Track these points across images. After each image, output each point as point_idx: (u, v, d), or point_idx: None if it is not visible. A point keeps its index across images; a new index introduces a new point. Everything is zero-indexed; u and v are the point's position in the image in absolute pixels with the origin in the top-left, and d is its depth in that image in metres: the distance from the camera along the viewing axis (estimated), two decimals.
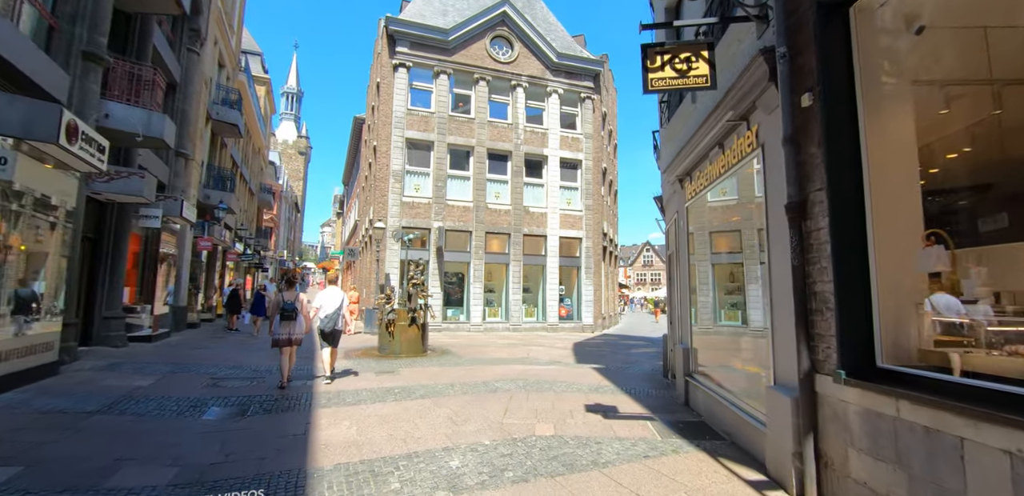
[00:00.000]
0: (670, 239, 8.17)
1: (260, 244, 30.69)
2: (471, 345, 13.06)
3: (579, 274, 19.35)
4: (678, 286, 6.74)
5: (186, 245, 13.88)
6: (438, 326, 16.87)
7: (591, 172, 19.90)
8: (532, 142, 19.06)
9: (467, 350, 11.89)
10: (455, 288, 18.19)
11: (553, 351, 12.27)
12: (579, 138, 19.92)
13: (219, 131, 17.45)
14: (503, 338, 15.44)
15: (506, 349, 12.36)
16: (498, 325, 17.81)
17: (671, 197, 7.37)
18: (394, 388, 7.04)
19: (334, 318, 7.36)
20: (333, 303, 7.36)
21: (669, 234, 8.40)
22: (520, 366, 9.47)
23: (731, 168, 4.68)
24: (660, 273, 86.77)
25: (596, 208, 19.87)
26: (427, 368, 8.96)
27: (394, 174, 17.02)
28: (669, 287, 8.77)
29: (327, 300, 7.35)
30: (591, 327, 18.98)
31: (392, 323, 10.71)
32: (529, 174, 19.11)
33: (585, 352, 12.34)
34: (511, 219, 18.34)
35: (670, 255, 8.32)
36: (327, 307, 7.32)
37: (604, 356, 11.64)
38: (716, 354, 5.78)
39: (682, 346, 6.41)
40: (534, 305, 19.07)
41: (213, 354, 9.98)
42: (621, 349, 13.51)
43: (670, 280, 8.65)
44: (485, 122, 18.42)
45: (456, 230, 17.65)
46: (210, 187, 16.58)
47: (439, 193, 17.48)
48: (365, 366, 9.08)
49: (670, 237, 8.08)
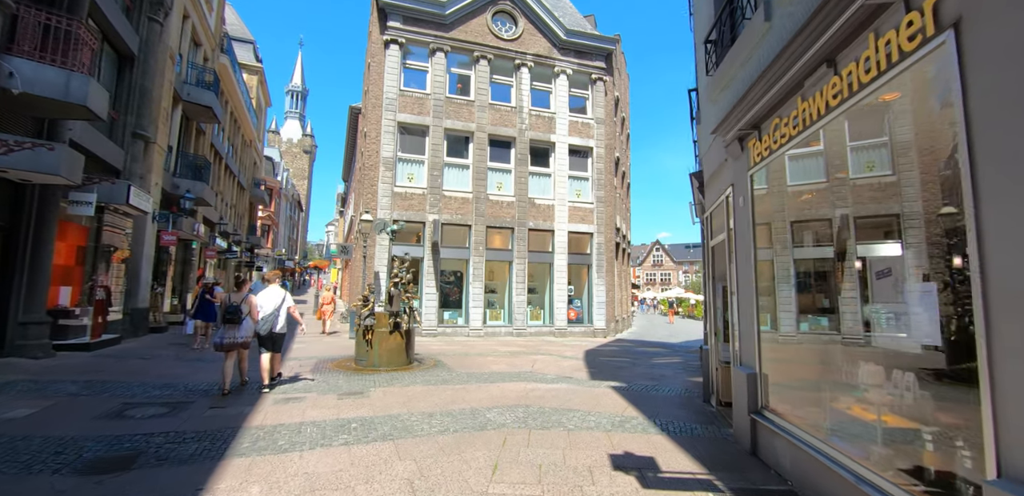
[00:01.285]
0: (714, 224, 6.38)
1: (252, 242, 29.18)
2: (467, 354, 11.33)
3: (590, 273, 17.56)
4: (737, 286, 4.94)
5: (146, 239, 12.27)
6: (433, 330, 15.16)
7: (603, 161, 18.10)
8: (538, 127, 17.30)
9: (462, 360, 10.15)
10: (453, 288, 16.48)
11: (562, 362, 10.51)
12: (590, 123, 18.12)
13: (193, 115, 15.85)
14: (505, 344, 13.70)
15: (507, 359, 10.61)
16: (500, 329, 16.07)
17: (721, 168, 5.58)
18: (351, 421, 5.32)
19: (271, 320, 6.94)
20: (271, 304, 6.97)
21: (710, 220, 6.60)
22: (522, 384, 7.71)
23: (855, 94, 2.90)
24: (670, 273, 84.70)
25: (608, 200, 18.07)
26: (406, 387, 7.23)
27: (385, 162, 15.33)
28: (707, 288, 6.96)
29: (265, 300, 6.96)
30: (603, 331, 17.19)
31: (370, 330, 9.01)
32: (535, 162, 17.35)
33: (599, 363, 10.56)
34: (515, 212, 16.58)
35: (713, 246, 6.51)
36: (265, 308, 6.91)
37: (622, 369, 9.85)
38: (809, 385, 3.99)
39: (743, 370, 4.61)
40: (540, 307, 17.30)
41: (153, 367, 8.31)
42: (641, 359, 11.72)
43: (709, 279, 6.85)
44: (486, 105, 16.69)
45: (454, 224, 15.93)
46: (181, 176, 14.99)
47: (435, 183, 15.77)
48: (331, 383, 7.37)
49: (716, 221, 6.29)
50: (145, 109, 12.12)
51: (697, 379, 8.71)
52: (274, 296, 7.04)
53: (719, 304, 6.21)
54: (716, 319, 6.36)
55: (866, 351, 3.16)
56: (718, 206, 5.86)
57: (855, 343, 3.30)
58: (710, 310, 6.85)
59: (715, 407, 6.16)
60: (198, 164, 15.69)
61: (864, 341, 3.21)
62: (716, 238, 6.10)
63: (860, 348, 3.24)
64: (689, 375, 9.25)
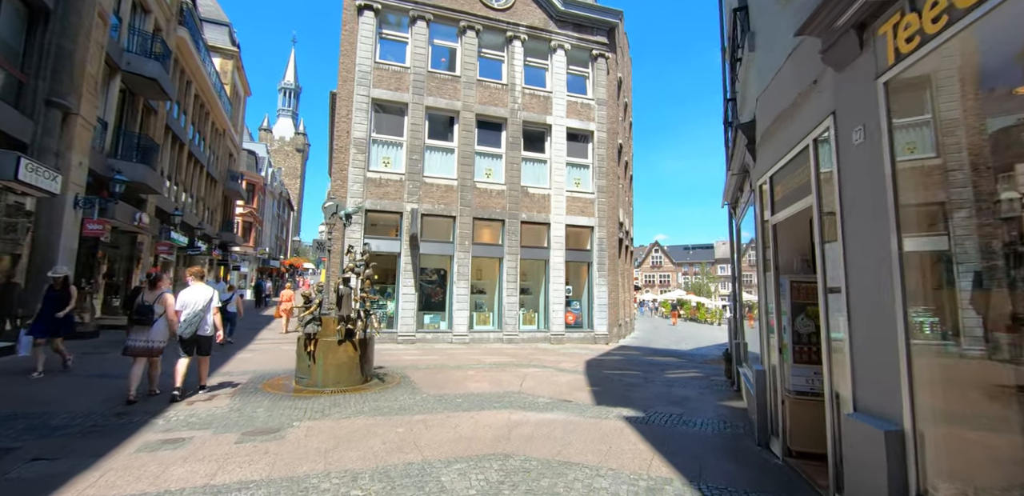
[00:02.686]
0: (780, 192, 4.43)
1: (226, 238, 27.15)
2: (444, 367, 9.37)
3: (590, 271, 15.64)
4: (847, 280, 2.99)
5: (64, 228, 10.27)
6: (411, 337, 13.19)
7: (605, 146, 16.20)
8: (532, 107, 15.39)
9: (434, 376, 8.19)
10: (435, 288, 14.52)
11: (558, 377, 8.57)
12: (590, 104, 16.22)
13: (138, 89, 13.88)
14: (492, 353, 11.74)
15: (492, 373, 8.66)
16: (489, 335, 14.11)
17: (803, 99, 3.60)
18: (229, 488, 3.37)
19: (194, 322, 6.22)
20: (195, 303, 6.26)
21: (769, 187, 4.67)
22: (505, 413, 5.77)
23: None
24: (669, 275, 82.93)
25: (611, 190, 16.16)
26: (345, 421, 5.27)
27: (356, 143, 13.39)
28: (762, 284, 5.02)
29: (188, 299, 6.26)
30: (605, 337, 15.26)
31: (312, 339, 7.05)
32: (528, 147, 15.43)
33: (604, 379, 8.63)
34: (505, 202, 14.66)
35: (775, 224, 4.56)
36: (187, 309, 6.21)
37: (633, 388, 7.91)
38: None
39: (870, 423, 2.66)
40: (534, 310, 15.36)
41: (24, 390, 6.32)
42: (653, 372, 9.78)
43: (766, 271, 4.92)
44: (473, 82, 14.78)
45: (436, 215, 13.99)
46: (124, 158, 13.01)
47: (414, 168, 13.83)
48: (245, 413, 5.42)
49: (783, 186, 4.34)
50: (64, 74, 10.16)
51: (731, 404, 6.78)
52: (199, 295, 6.29)
53: (786, 308, 4.28)
54: (779, 329, 4.42)
55: None
56: (791, 162, 3.94)
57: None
58: (763, 316, 4.92)
59: (781, 458, 4.22)
60: (143, 145, 13.71)
61: None
62: (784, 211, 4.16)
63: None
64: (718, 397, 7.31)
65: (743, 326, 7.89)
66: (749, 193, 5.73)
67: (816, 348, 4.10)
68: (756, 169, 4.91)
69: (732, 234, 8.30)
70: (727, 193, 7.74)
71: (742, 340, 7.84)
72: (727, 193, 7.74)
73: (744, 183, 6.22)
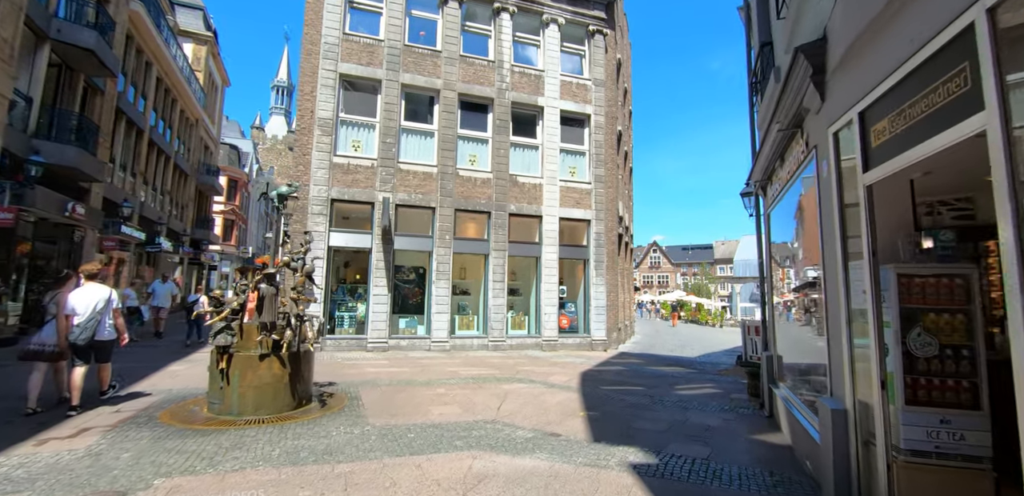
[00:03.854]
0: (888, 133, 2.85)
1: (199, 235, 25.49)
2: (410, 383, 7.78)
3: (586, 270, 14.07)
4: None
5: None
6: (382, 343, 11.59)
7: (603, 131, 14.65)
8: (522, 87, 13.83)
9: (393, 397, 6.60)
10: (412, 288, 12.93)
11: (547, 397, 6.98)
12: (586, 85, 14.67)
13: (76, 63, 12.24)
14: (473, 364, 10.16)
15: (466, 392, 7.07)
16: (472, 341, 12.52)
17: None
18: None
19: (90, 326, 5.42)
20: (88, 305, 5.43)
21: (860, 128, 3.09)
22: (467, 459, 4.19)
23: None
24: (668, 275, 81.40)
25: (610, 181, 14.61)
26: (233, 475, 3.68)
27: (321, 124, 11.79)
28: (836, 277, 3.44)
29: (79, 302, 5.41)
30: (603, 343, 13.69)
31: (225, 354, 5.46)
32: (518, 131, 13.87)
33: (603, 399, 7.05)
34: (492, 192, 13.08)
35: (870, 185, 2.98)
36: (79, 311, 5.37)
37: (639, 411, 6.34)
38: None
39: None
40: (524, 313, 13.78)
41: None
42: (660, 387, 8.20)
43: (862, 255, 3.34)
44: (456, 57, 13.21)
45: (413, 206, 12.40)
46: (53, 138, 11.38)
47: (388, 153, 12.24)
48: (102, 461, 3.84)
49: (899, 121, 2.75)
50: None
51: (769, 439, 5.20)
52: (93, 297, 5.54)
53: (891, 316, 2.70)
54: (877, 349, 2.83)
55: None
56: (912, 76, 2.37)
57: None
58: (840, 326, 3.33)
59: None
60: (81, 126, 12.08)
61: None
62: (893, 161, 2.58)
63: None
64: (749, 427, 5.74)
65: (775, 334, 6.33)
66: (802, 157, 4.17)
67: (946, 382, 2.53)
68: (828, 109, 3.35)
69: (760, 224, 6.75)
70: (757, 170, 6.18)
71: (775, 351, 6.27)
72: (757, 170, 6.18)
73: (791, 144, 4.66)
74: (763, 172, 5.98)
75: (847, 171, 3.13)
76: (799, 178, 4.47)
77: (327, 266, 11.57)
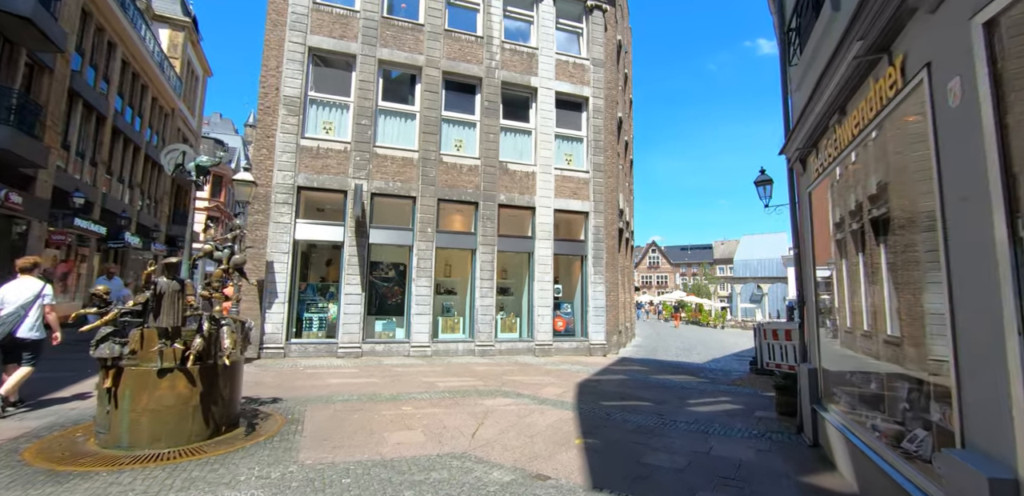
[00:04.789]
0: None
1: (176, 232, 24.17)
2: (374, 398, 6.51)
3: (584, 267, 12.82)
4: None
5: None
6: (355, 348, 10.32)
7: (602, 116, 13.41)
8: (514, 66, 12.59)
9: (345, 419, 5.33)
10: (391, 287, 11.67)
11: (535, 418, 5.73)
12: (584, 65, 13.43)
13: (15, 36, 10.94)
14: (454, 372, 8.91)
15: (438, 411, 5.81)
16: (457, 345, 11.25)
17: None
18: None
19: (9, 321, 5.03)
20: (16, 300, 5.10)
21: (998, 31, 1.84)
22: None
23: None
24: (667, 276, 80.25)
25: (610, 170, 13.37)
26: None
27: (287, 102, 10.52)
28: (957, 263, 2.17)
29: (10, 295, 5.11)
30: (602, 347, 12.43)
31: (112, 368, 4.19)
32: (509, 114, 12.63)
33: (603, 422, 5.79)
34: (479, 180, 11.83)
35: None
36: (7, 305, 5.06)
37: (650, 441, 5.08)
38: None
39: None
40: (515, 314, 12.52)
41: None
42: (670, 402, 6.95)
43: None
44: (440, 32, 11.96)
45: (391, 195, 11.14)
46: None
47: (363, 136, 10.98)
48: None
49: None
50: None
51: (827, 485, 3.94)
52: (24, 290, 5.16)
53: None
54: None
55: None
56: None
57: None
58: (996, 332, 2.08)
59: None
60: (20, 105, 10.78)
61: None
62: None
63: None
64: (794, 465, 4.48)
65: (819, 342, 5.07)
66: (890, 93, 2.92)
67: None
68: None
69: (796, 207, 5.51)
70: (799, 137, 4.93)
71: (818, 363, 5.02)
72: (799, 137, 4.93)
73: (860, 86, 3.41)
74: (807, 139, 4.74)
75: (1015, 80, 1.88)
76: (869, 131, 3.22)
77: (292, 262, 10.29)
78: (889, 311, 3.47)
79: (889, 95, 2.95)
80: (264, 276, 10.00)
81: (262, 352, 9.74)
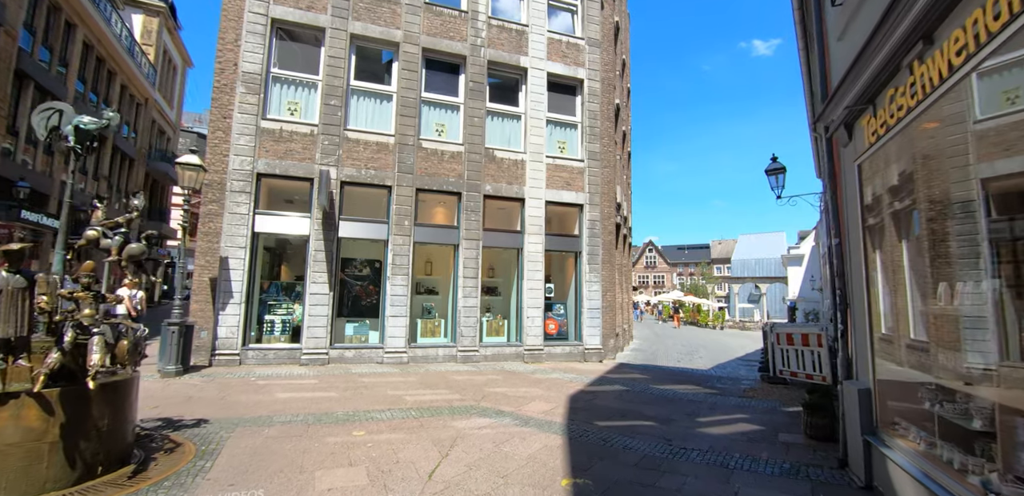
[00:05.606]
0: None
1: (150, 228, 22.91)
2: (321, 419, 5.40)
3: (579, 265, 11.73)
4: None
5: None
6: (320, 355, 9.20)
7: (599, 101, 12.33)
8: (501, 44, 11.50)
9: (275, 449, 4.21)
10: (365, 286, 10.56)
11: (514, 448, 4.63)
12: (578, 45, 12.35)
13: None
14: (428, 383, 7.81)
15: (394, 435, 4.71)
16: (438, 351, 10.15)
17: None
18: None
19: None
20: None
21: None
22: None
23: None
24: (664, 275, 79.28)
25: (606, 159, 12.30)
26: None
27: (246, 79, 9.40)
28: None
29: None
30: (598, 352, 11.36)
31: None
32: (497, 97, 11.54)
33: (598, 448, 4.71)
34: (463, 168, 10.73)
35: None
36: None
37: (658, 474, 4.00)
38: None
39: None
40: (503, 316, 11.43)
41: None
42: (678, 422, 5.88)
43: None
44: (419, 5, 10.85)
45: (363, 183, 10.03)
46: None
47: (332, 119, 9.87)
48: None
49: None
50: None
51: None
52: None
53: None
54: None
55: None
56: None
57: None
58: None
59: None
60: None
61: None
62: None
63: None
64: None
65: (871, 354, 4.00)
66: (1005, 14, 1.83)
67: None
68: None
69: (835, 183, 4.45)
70: (847, 95, 3.86)
71: (871, 381, 3.95)
72: (847, 95, 3.86)
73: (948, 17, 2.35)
74: (860, 95, 3.66)
75: None
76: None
77: (251, 257, 9.17)
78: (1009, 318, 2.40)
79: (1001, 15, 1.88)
80: (217, 273, 8.88)
81: (214, 360, 8.61)
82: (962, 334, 2.90)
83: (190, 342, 8.21)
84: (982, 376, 2.77)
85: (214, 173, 9.08)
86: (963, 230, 2.83)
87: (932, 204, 3.19)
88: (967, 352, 2.88)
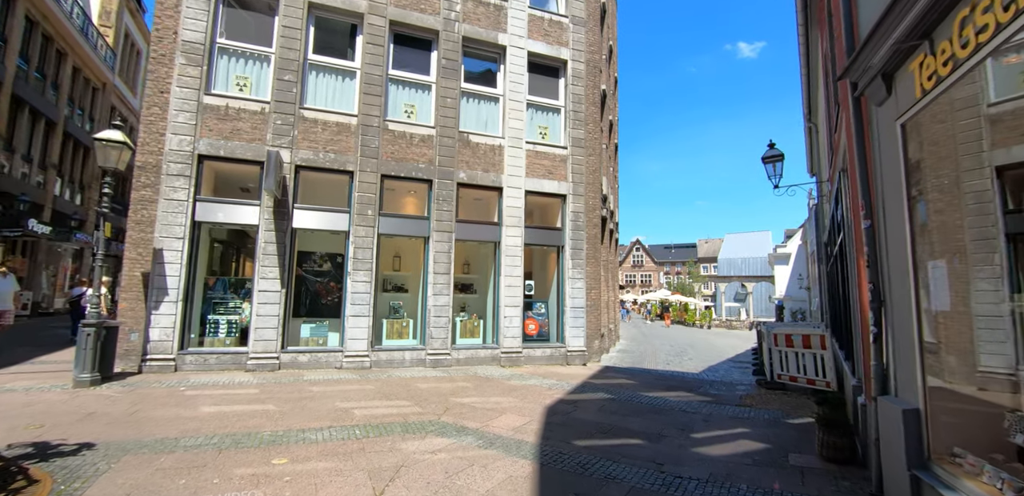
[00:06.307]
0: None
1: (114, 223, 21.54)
2: (240, 442, 4.43)
3: (561, 260, 10.85)
4: None
5: None
6: (271, 360, 8.19)
7: (584, 84, 11.45)
8: (478, 20, 10.55)
9: (162, 486, 3.24)
10: (324, 283, 9.55)
11: (471, 479, 3.72)
12: (562, 23, 11.46)
13: None
14: (386, 393, 6.86)
15: (321, 464, 3.76)
16: (405, 354, 9.19)
17: None
18: None
19: None
20: None
21: None
22: None
23: None
24: (651, 274, 78.97)
25: (592, 146, 11.43)
26: None
27: (186, 49, 8.33)
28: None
29: None
30: (581, 355, 10.49)
31: None
32: (472, 78, 10.60)
33: (575, 479, 3.81)
34: (434, 154, 9.78)
35: None
36: None
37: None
38: None
39: None
40: (479, 315, 10.50)
41: None
42: (669, 438, 5.01)
43: None
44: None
45: (321, 168, 9.02)
46: None
47: (286, 96, 8.84)
48: None
49: None
50: None
51: None
52: None
53: None
54: None
55: None
56: None
57: None
58: None
59: None
60: None
61: None
62: None
63: None
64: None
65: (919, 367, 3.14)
66: None
67: None
68: None
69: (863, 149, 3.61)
70: (895, 27, 2.99)
71: (921, 400, 3.09)
72: (895, 27, 2.99)
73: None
74: (910, 30, 2.81)
75: None
76: None
77: (190, 249, 8.12)
78: None
79: None
80: (151, 268, 7.81)
81: (144, 366, 7.56)
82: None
83: (114, 346, 7.14)
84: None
85: (148, 154, 8.01)
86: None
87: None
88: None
